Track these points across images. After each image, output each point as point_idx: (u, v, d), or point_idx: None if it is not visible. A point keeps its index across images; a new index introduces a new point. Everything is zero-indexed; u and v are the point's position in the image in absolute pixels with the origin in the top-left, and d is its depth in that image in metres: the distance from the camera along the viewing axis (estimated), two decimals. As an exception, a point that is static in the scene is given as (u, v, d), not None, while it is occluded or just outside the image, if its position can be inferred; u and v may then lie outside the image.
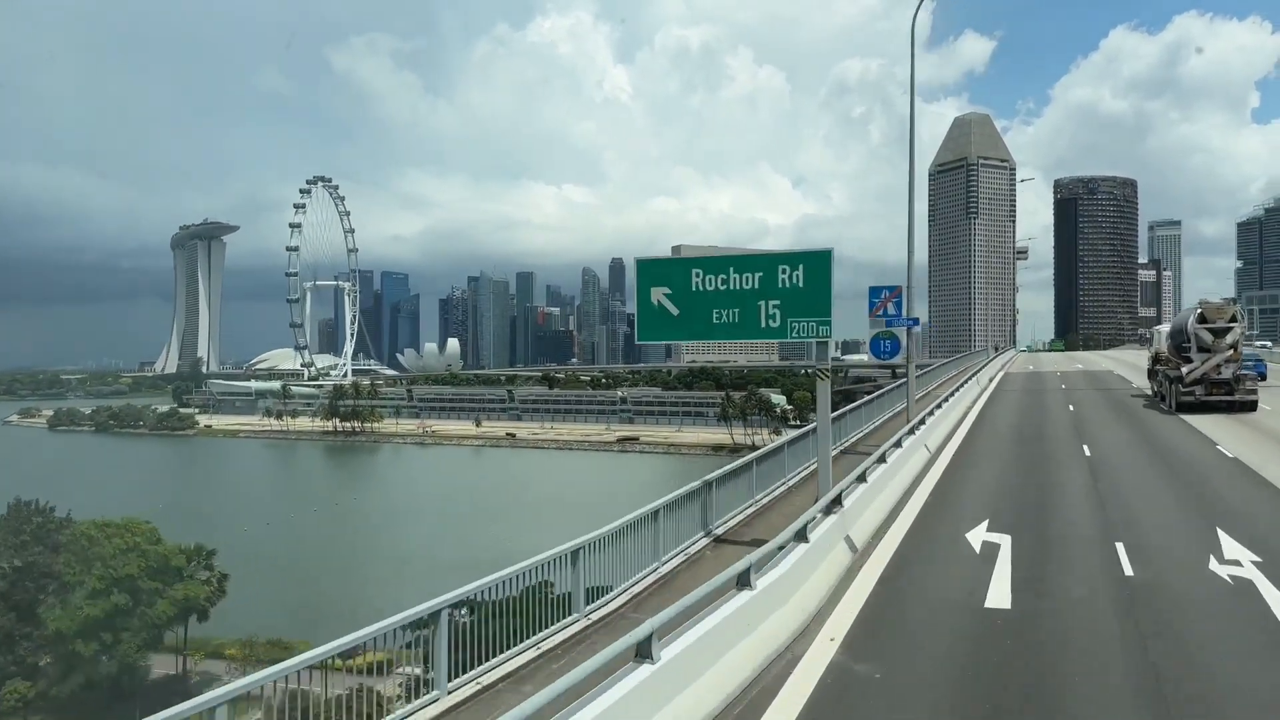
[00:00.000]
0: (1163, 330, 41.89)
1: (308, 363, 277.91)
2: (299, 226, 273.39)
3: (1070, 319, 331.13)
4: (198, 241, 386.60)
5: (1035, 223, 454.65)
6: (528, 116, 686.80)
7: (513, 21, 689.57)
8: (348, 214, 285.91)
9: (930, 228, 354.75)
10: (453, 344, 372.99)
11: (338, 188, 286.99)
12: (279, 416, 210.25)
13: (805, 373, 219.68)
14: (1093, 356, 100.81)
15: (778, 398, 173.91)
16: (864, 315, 24.75)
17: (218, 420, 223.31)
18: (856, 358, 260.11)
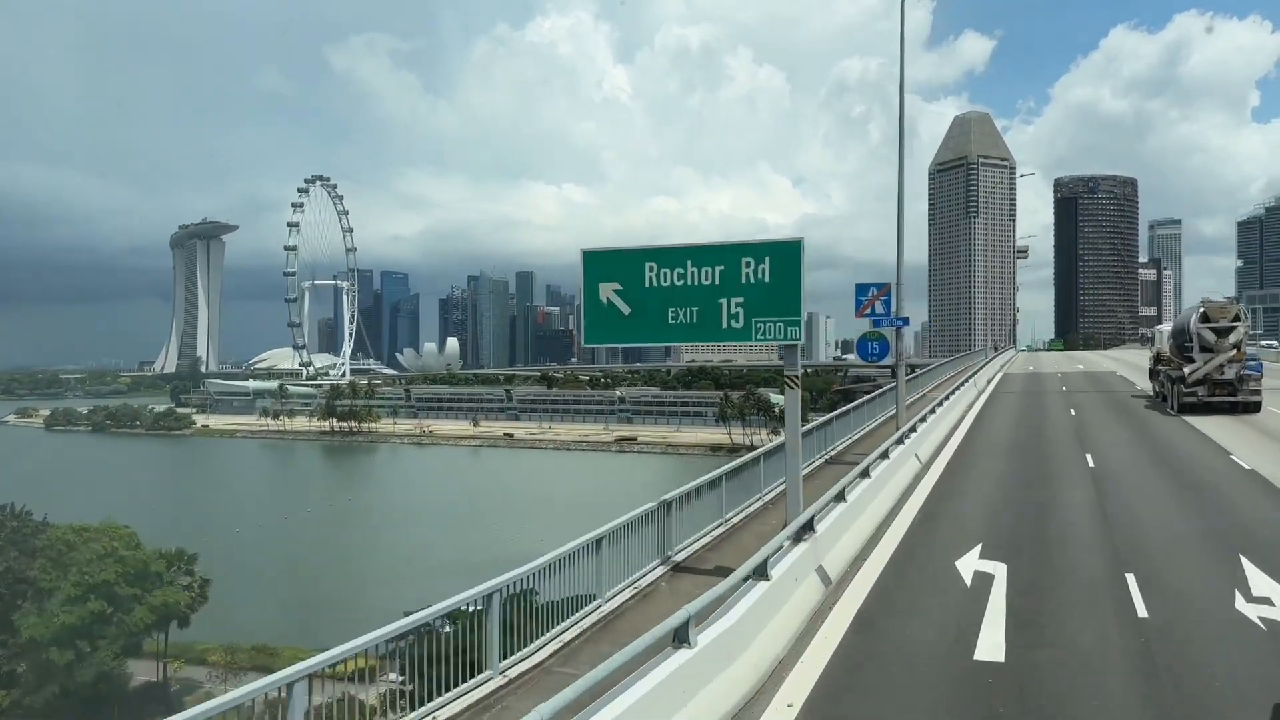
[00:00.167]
0: (1165, 330, 41.54)
1: (306, 362, 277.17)
2: (297, 226, 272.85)
3: (1070, 318, 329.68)
4: (197, 241, 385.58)
5: (1035, 222, 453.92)
6: (527, 116, 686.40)
7: (512, 21, 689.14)
8: (346, 213, 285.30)
9: (930, 227, 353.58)
10: (452, 344, 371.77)
11: (336, 187, 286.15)
12: (276, 416, 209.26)
13: (804, 371, 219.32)
14: (1093, 357, 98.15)
15: (777, 397, 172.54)
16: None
17: (215, 420, 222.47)
18: (851, 357, 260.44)
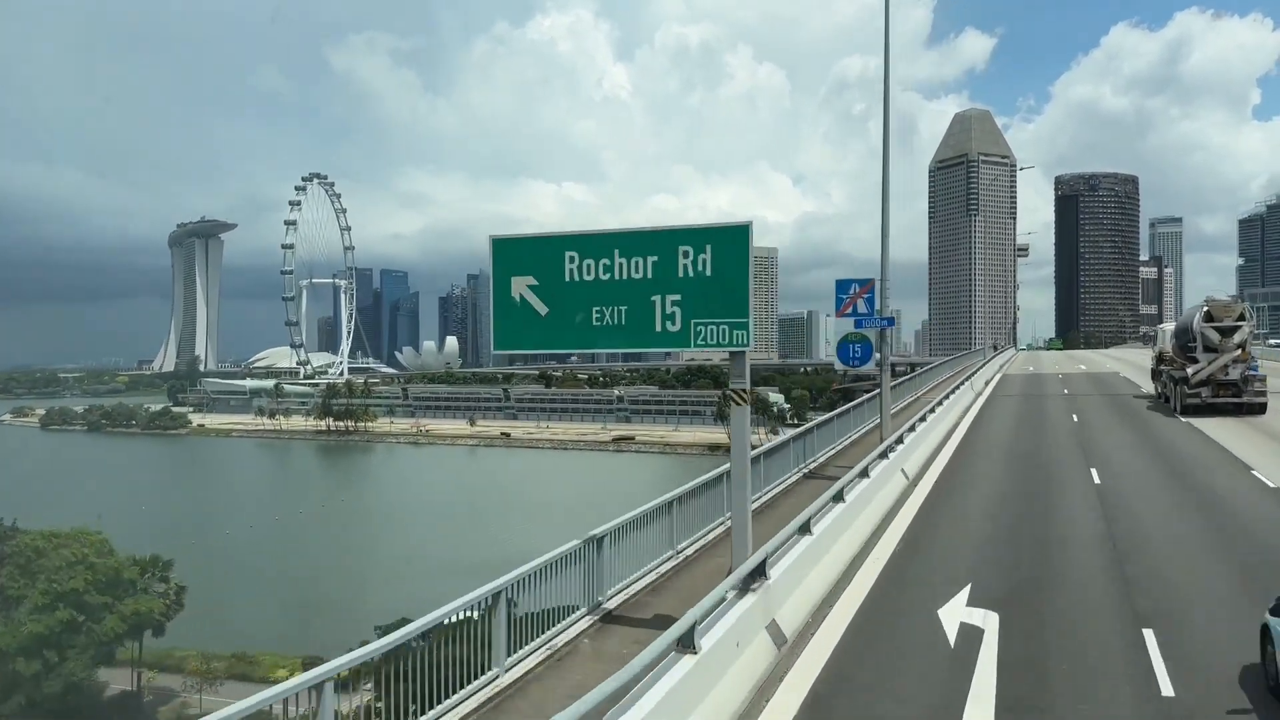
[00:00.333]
0: (1167, 329, 40.54)
1: (304, 361, 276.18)
2: (294, 224, 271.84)
3: (1071, 316, 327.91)
4: (195, 240, 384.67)
5: (1036, 220, 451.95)
6: (527, 115, 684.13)
7: (512, 19, 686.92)
8: (344, 211, 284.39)
9: (930, 225, 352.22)
10: (451, 342, 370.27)
11: (333, 185, 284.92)
12: (272, 416, 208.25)
13: (804, 371, 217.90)
14: (1095, 356, 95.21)
15: (775, 396, 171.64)
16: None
17: (211, 419, 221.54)
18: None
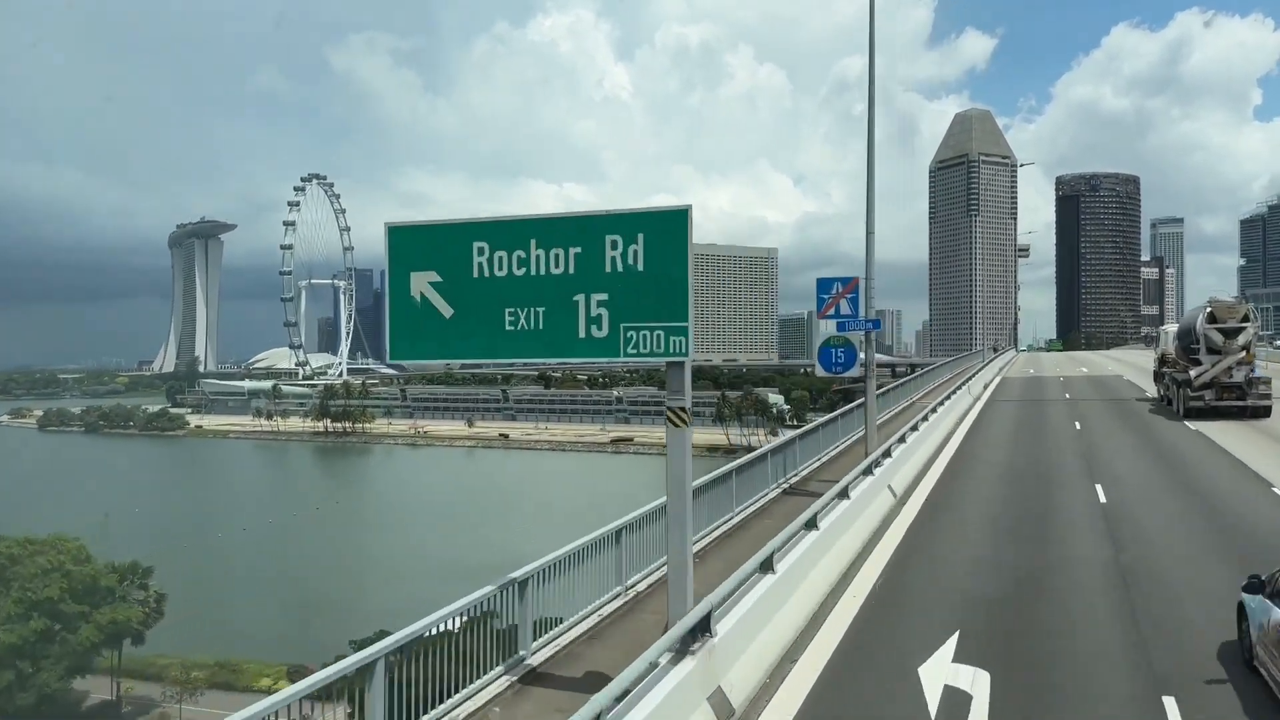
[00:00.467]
0: (1170, 330, 39.99)
1: (303, 362, 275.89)
2: (293, 224, 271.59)
3: (1072, 317, 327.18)
4: (195, 240, 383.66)
5: (1037, 220, 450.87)
6: (527, 115, 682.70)
7: (512, 19, 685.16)
8: (343, 212, 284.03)
9: (931, 225, 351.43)
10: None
11: (332, 185, 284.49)
12: (269, 417, 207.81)
13: (804, 372, 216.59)
14: (1097, 358, 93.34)
15: (775, 397, 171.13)
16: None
17: (209, 420, 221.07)
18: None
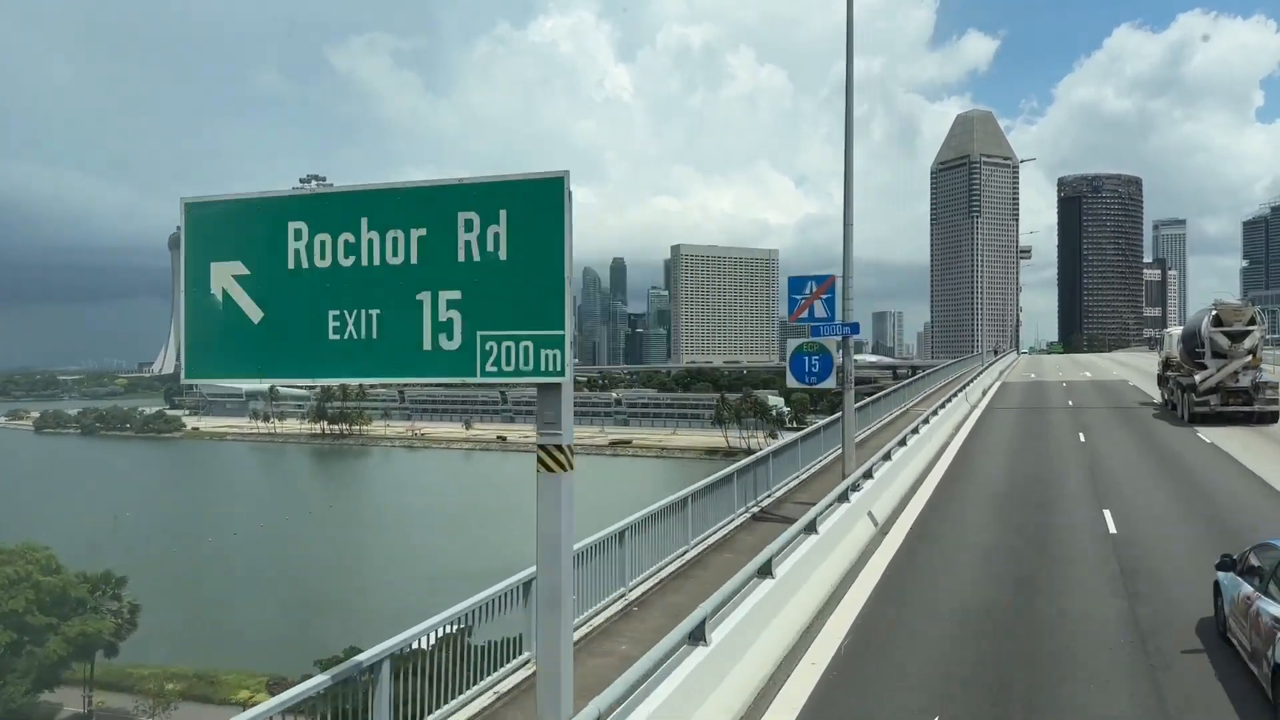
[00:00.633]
0: (1174, 333, 39.17)
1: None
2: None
3: (1074, 319, 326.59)
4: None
5: (1039, 221, 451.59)
6: (528, 116, 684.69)
7: (513, 20, 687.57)
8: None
9: (933, 227, 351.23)
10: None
11: (332, 186, 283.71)
12: (266, 419, 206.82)
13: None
14: (1101, 362, 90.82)
15: (775, 400, 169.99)
16: (865, 316, 17.79)
17: (206, 422, 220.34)
18: (860, 358, 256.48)
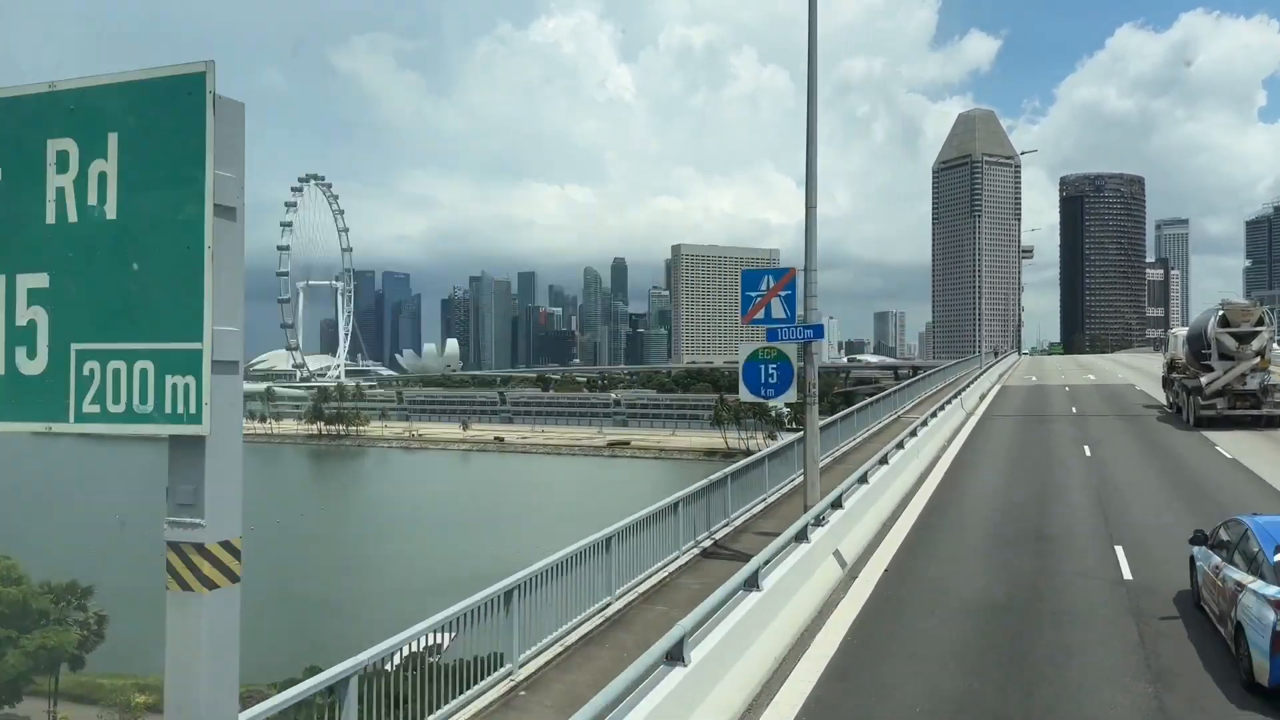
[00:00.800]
0: (1179, 334, 38.01)
1: (299, 364, 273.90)
2: (290, 226, 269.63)
3: (1076, 319, 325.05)
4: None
5: (1041, 221, 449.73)
6: (530, 116, 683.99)
7: (515, 21, 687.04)
8: (342, 213, 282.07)
9: (934, 226, 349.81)
10: (451, 345, 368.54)
11: (330, 186, 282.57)
12: (262, 419, 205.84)
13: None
14: (1104, 363, 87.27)
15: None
16: (869, 317, 15.87)
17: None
18: (864, 358, 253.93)
